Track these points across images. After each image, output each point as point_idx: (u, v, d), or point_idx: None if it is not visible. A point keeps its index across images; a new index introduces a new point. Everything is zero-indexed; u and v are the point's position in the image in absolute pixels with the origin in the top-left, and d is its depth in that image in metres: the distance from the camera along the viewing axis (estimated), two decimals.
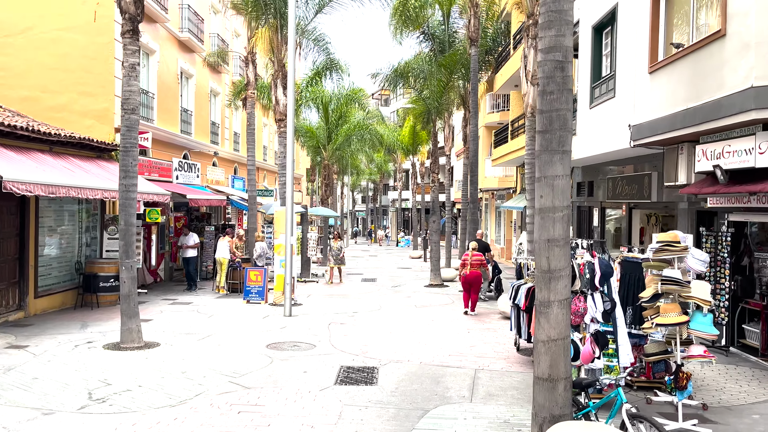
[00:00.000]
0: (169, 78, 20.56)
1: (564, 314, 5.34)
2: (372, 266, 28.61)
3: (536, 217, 5.46)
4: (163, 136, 19.67)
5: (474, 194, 18.67)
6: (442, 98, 20.04)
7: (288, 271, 13.78)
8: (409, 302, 16.39)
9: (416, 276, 23.84)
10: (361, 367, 9.18)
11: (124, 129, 10.14)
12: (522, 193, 26.11)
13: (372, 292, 18.47)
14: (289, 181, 13.70)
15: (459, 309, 15.20)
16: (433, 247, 20.30)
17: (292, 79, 13.46)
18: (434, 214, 20.32)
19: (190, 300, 16.03)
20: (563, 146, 5.30)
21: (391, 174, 63.66)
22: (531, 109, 11.98)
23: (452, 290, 19.05)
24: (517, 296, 9.43)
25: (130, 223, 10.10)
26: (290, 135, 13.65)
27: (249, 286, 15.84)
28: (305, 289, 18.86)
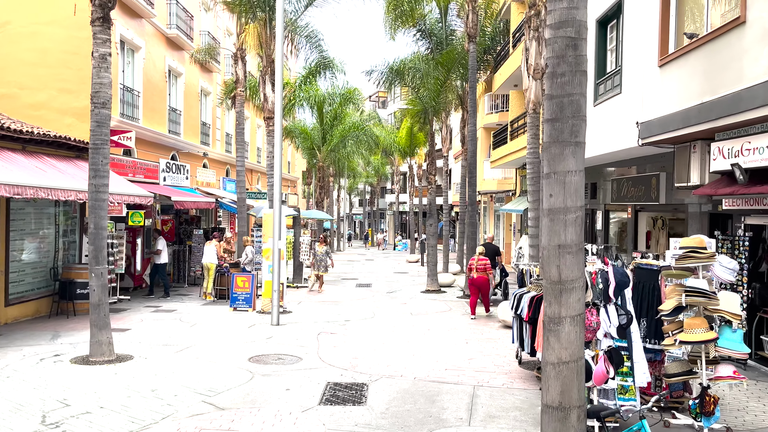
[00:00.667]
0: (156, 76, 19.81)
1: (577, 332, 4.60)
2: (367, 270, 27.85)
3: (544, 220, 4.73)
4: (149, 136, 18.92)
5: (473, 196, 17.95)
6: (440, 97, 19.32)
7: (276, 277, 13.02)
8: (405, 309, 15.63)
9: (413, 281, 23.09)
10: (350, 383, 8.41)
11: (94, 125, 9.39)
12: (522, 196, 25.39)
13: (366, 299, 17.71)
14: (277, 181, 12.95)
15: (456, 317, 14.45)
16: (430, 252, 19.55)
17: (279, 72, 12.72)
18: (431, 217, 19.58)
19: (174, 307, 15.26)
20: (576, 137, 4.57)
21: (388, 177, 62.90)
22: (533, 105, 11.26)
23: (449, 296, 18.29)
24: (519, 306, 8.68)
25: (100, 226, 9.35)
26: (278, 132, 12.91)
27: (236, 292, 15.07)
28: (296, 296, 18.09)
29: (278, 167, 12.91)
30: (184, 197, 17.22)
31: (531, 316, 8.34)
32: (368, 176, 60.06)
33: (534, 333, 8.41)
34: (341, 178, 52.18)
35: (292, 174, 47.15)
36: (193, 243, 20.09)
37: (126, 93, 17.83)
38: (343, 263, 32.24)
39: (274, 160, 12.94)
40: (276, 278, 13.02)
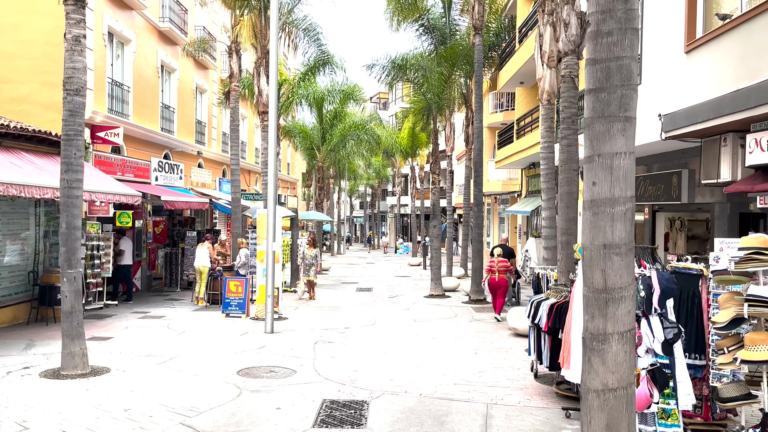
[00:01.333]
0: (147, 71, 18.97)
1: (627, 352, 3.73)
2: (368, 274, 26.97)
3: (585, 214, 3.87)
4: (140, 133, 18.06)
5: (479, 196, 17.08)
6: (444, 93, 18.46)
7: (269, 281, 12.15)
8: (408, 315, 14.75)
9: (415, 285, 22.21)
10: (348, 401, 7.53)
11: (66, 113, 8.56)
12: (528, 197, 24.51)
13: (367, 304, 16.83)
14: (271, 179, 12.08)
15: (463, 324, 13.57)
16: (433, 255, 18.67)
17: (274, 61, 11.87)
18: (435, 218, 18.71)
19: (163, 313, 14.39)
20: (626, 110, 3.71)
21: (389, 179, 62.02)
22: (548, 96, 10.40)
23: (454, 301, 17.40)
24: (536, 314, 7.80)
25: (73, 225, 8.48)
26: (272, 125, 12.05)
27: (228, 297, 14.19)
28: (293, 301, 17.21)
29: (272, 164, 12.05)
30: (175, 197, 16.36)
31: (550, 326, 7.47)
32: (369, 178, 59.20)
33: (554, 345, 7.54)
34: (342, 180, 51.32)
35: (292, 176, 46.29)
36: (186, 245, 19.24)
37: (115, 88, 16.98)
38: (342, 266, 31.38)
39: (269, 156, 12.08)
40: (270, 282, 12.15)
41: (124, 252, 16.20)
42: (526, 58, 20.91)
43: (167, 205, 15.48)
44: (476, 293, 16.91)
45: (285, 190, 42.54)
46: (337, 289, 20.73)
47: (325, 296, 18.42)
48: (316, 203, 28.74)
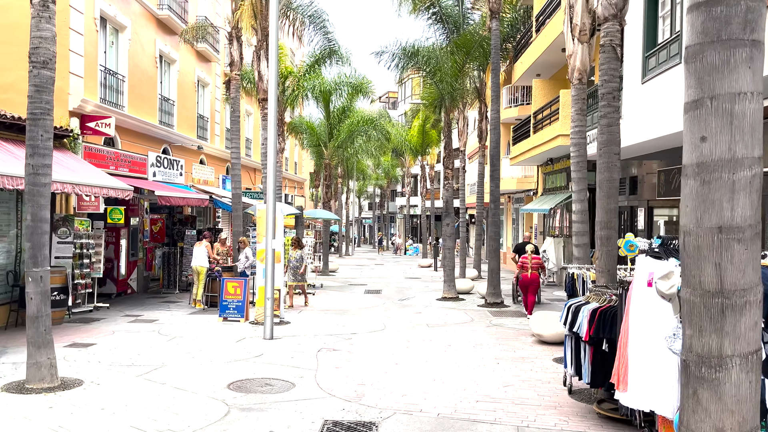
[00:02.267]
0: (144, 60, 17.97)
1: (752, 383, 2.61)
2: (377, 276, 25.86)
3: (689, 183, 2.76)
4: (135, 125, 17.06)
5: (495, 192, 15.93)
6: (458, 83, 17.33)
7: (269, 282, 11.06)
8: (420, 320, 13.63)
9: (426, 287, 21.07)
10: (354, 422, 6.42)
11: (33, 89, 7.55)
12: (546, 194, 23.33)
13: (375, 307, 15.72)
14: (271, 169, 11.00)
15: (480, 329, 12.43)
16: (446, 255, 17.53)
17: (274, 42, 10.79)
18: (448, 216, 17.57)
19: (156, 317, 13.34)
20: (753, 31, 2.60)
21: (399, 179, 60.89)
22: (579, 74, 9.25)
23: (469, 304, 16.25)
24: (574, 321, 6.66)
25: (39, 217, 7.43)
26: (272, 108, 10.98)
27: (226, 300, 13.12)
28: (298, 303, 16.13)
29: (272, 152, 10.97)
30: (171, 192, 15.31)
31: (593, 335, 6.32)
32: (378, 178, 58.11)
33: (596, 358, 6.39)
34: (350, 180, 50.26)
35: (299, 175, 45.29)
36: (185, 244, 18.20)
37: (108, 76, 15.99)
38: (351, 268, 30.30)
39: (268, 144, 11.01)
40: (269, 284, 11.06)
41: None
42: (544, 47, 19.78)
43: (161, 200, 14.43)
44: (493, 296, 15.76)
45: (292, 189, 41.53)
46: (344, 291, 19.64)
47: (332, 299, 17.33)
48: (323, 202, 27.67)
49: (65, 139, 13.40)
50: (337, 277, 24.79)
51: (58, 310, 11.90)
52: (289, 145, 41.43)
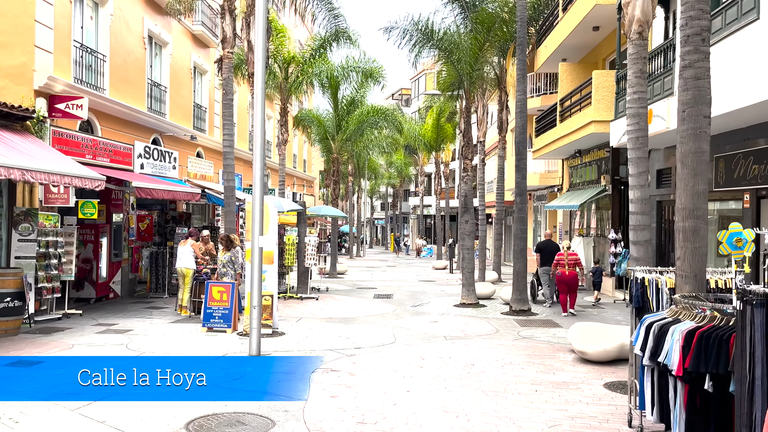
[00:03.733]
0: (130, 40, 16.25)
1: None
2: (388, 278, 23.98)
3: None
4: (118, 111, 15.35)
5: (521, 184, 14.00)
6: (478, 62, 15.42)
7: (255, 286, 9.22)
8: (436, 330, 11.74)
9: (442, 291, 19.16)
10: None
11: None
12: (572, 190, 21.34)
13: (385, 315, 13.85)
14: (258, 153, 9.16)
15: (508, 343, 10.52)
16: (465, 255, 15.62)
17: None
18: (467, 212, 15.67)
19: (131, 326, 11.57)
20: None
21: (412, 179, 59.00)
22: (638, 26, 7.32)
23: (491, 311, 14.33)
24: (659, 346, 4.72)
25: None
26: (259, 78, 9.16)
27: (210, 307, 11.30)
28: (298, 310, 14.30)
29: (259, 128, 9.13)
30: (151, 184, 13.53)
31: (689, 369, 4.40)
32: (390, 177, 56.24)
33: (693, 401, 4.47)
34: (361, 179, 48.42)
35: (308, 173, 43.53)
36: (174, 244, 16.42)
37: (86, 54, 14.28)
38: (360, 270, 28.46)
39: (255, 121, 9.19)
40: (256, 289, 9.22)
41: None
42: (572, 26, 17.84)
43: (140, 192, 12.64)
44: (519, 302, 13.84)
45: (300, 188, 39.79)
46: (351, 295, 17.79)
47: (337, 305, 15.48)
48: (331, 199, 25.86)
49: (28, 122, 11.67)
50: (346, 279, 22.97)
51: (11, 319, 10.19)
52: (297, 142, 39.70)
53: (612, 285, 17.43)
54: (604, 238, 18.76)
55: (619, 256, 16.44)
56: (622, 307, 14.96)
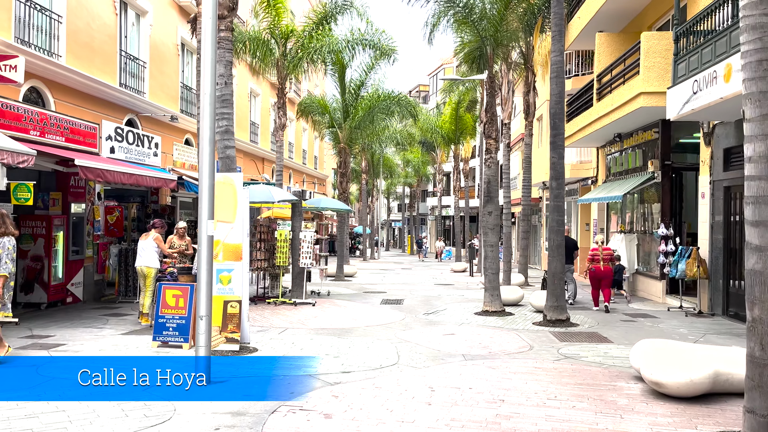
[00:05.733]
0: (95, 4, 13.97)
1: None
2: (401, 281, 21.44)
3: None
4: (79, 83, 13.11)
5: (558, 165, 11.38)
6: (503, 21, 12.88)
7: (203, 291, 6.75)
8: (452, 346, 9.20)
9: (461, 296, 16.58)
10: None
11: None
12: (610, 182, 18.64)
13: (391, 325, 11.33)
14: (208, 108, 6.73)
15: (546, 365, 7.95)
16: (488, 254, 13.06)
17: None
18: (490, 201, 13.12)
19: (68, 340, 9.20)
20: None
21: (430, 178, 56.40)
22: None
23: (521, 321, 11.73)
24: None
25: None
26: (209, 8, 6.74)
27: (163, 316, 8.86)
28: (287, 318, 11.85)
29: (210, 73, 6.71)
30: (106, 165, 11.13)
31: None
32: (407, 176, 53.69)
33: None
34: (376, 178, 45.96)
35: (320, 171, 41.20)
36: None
37: (31, 11, 11.99)
38: (372, 272, 25.95)
39: (203, 69, 6.77)
40: (204, 293, 6.75)
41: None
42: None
43: (85, 173, 10.21)
44: (555, 310, 11.24)
45: (311, 185, 37.47)
46: (355, 300, 15.29)
47: (335, 312, 13.00)
48: (339, 193, 23.43)
49: None
50: (353, 283, 20.49)
51: None
52: (308, 137, 37.39)
53: (662, 290, 14.72)
54: (649, 235, 16.07)
55: (671, 255, 13.77)
56: (681, 317, 12.30)
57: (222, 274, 8.62)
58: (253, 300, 14.20)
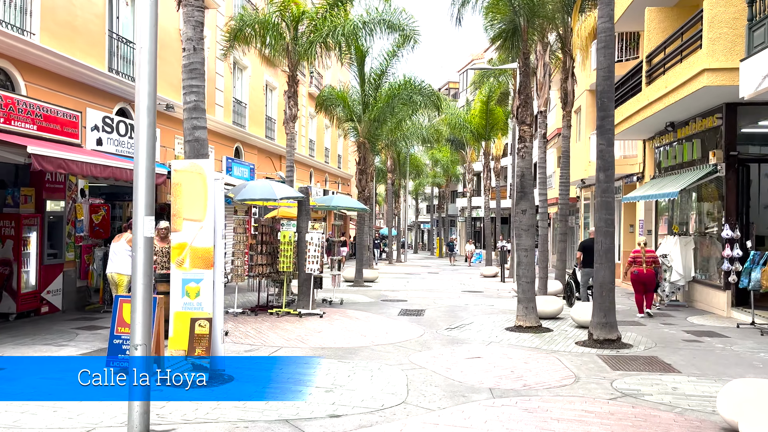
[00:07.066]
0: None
1: None
2: (425, 288, 19.60)
3: None
4: (58, 66, 11.69)
5: (606, 153, 9.45)
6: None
7: (138, 311, 5.03)
8: (476, 375, 7.37)
9: (491, 306, 14.69)
10: None
11: None
12: (659, 177, 16.53)
13: (406, 343, 9.54)
14: (147, 40, 5.05)
15: (599, 406, 6.08)
16: (522, 259, 11.17)
17: None
18: (524, 198, 11.23)
19: (2, 363, 7.64)
20: None
21: (459, 178, 54.32)
22: None
23: (561, 340, 9.81)
24: None
25: None
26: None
27: (119, 336, 7.25)
28: (286, 333, 10.16)
29: (149, 25, 5.02)
30: (72, 155, 9.51)
31: None
32: (435, 176, 51.71)
33: None
34: (403, 178, 44.13)
35: (344, 170, 39.56)
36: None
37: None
38: (395, 277, 24.16)
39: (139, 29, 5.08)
40: (140, 312, 5.04)
41: None
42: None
43: (41, 163, 8.61)
44: (604, 328, 9.31)
45: (334, 185, 35.87)
46: (370, 310, 13.53)
47: (344, 326, 11.26)
48: (358, 191, 21.72)
49: None
50: (373, 289, 18.73)
51: None
52: (330, 135, 35.78)
53: (727, 302, 12.62)
54: (709, 237, 13.97)
55: (737, 261, 11.71)
56: (756, 336, 10.26)
57: (189, 285, 6.96)
58: (254, 310, 12.59)
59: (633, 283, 12.65)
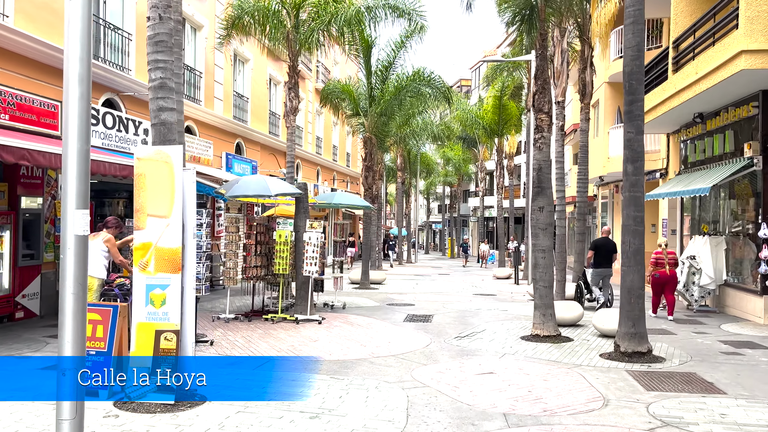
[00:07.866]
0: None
1: None
2: (435, 290, 18.58)
3: None
4: (33, 51, 10.78)
5: (635, 142, 8.37)
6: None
7: (68, 327, 4.08)
8: (487, 397, 6.35)
9: (504, 312, 13.65)
10: None
11: None
12: (685, 173, 15.41)
13: (409, 355, 8.53)
14: (81, 27, 4.08)
15: (631, 424, 5.03)
16: (539, 261, 10.12)
17: None
18: (541, 194, 10.18)
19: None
20: None
21: (472, 177, 53.15)
22: None
23: (584, 353, 8.76)
24: None
25: None
26: None
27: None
28: (277, 343, 9.19)
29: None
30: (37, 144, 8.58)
31: None
32: (447, 175, 50.60)
33: None
34: (413, 177, 43.10)
35: (353, 169, 38.61)
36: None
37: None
38: (403, 279, 23.15)
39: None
40: (69, 329, 4.09)
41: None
42: None
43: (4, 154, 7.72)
44: (632, 339, 8.26)
45: (342, 184, 34.93)
46: (374, 316, 12.53)
47: (343, 334, 10.27)
48: (365, 189, 20.73)
49: None
50: (379, 292, 17.73)
51: None
52: (339, 133, 34.84)
53: (764, 308, 11.49)
54: (742, 237, 12.84)
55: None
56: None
57: (153, 292, 6.01)
58: (248, 315, 11.63)
59: (653, 286, 12.25)
